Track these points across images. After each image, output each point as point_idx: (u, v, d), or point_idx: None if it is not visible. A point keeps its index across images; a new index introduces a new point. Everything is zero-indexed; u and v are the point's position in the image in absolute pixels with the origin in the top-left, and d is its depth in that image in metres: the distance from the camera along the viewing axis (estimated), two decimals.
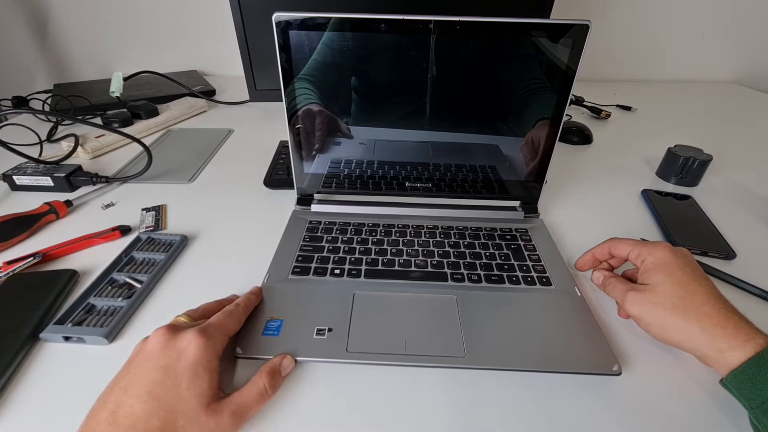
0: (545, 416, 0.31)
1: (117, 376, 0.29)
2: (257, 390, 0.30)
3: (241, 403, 0.29)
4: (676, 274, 0.35)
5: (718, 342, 0.31)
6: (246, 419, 0.29)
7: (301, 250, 0.46)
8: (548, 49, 0.43)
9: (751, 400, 0.29)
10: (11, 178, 0.57)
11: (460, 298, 0.40)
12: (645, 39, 1.12)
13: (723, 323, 0.31)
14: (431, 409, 0.32)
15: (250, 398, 0.30)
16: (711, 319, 0.32)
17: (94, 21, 1.04)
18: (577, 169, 0.68)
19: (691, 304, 0.33)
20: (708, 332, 0.31)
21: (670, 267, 0.35)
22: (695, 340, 0.32)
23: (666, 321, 0.33)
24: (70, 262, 0.45)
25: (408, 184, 0.53)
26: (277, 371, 0.32)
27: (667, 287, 0.34)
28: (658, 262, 0.36)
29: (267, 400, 0.31)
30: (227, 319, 0.33)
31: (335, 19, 0.42)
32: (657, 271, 0.36)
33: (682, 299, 0.33)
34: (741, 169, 0.69)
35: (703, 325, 0.32)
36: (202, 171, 0.65)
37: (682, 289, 0.34)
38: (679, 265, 0.35)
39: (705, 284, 0.34)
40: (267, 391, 0.30)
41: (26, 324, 0.36)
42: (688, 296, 0.33)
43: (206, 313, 0.35)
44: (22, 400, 0.32)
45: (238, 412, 0.29)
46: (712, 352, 0.31)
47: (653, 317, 0.34)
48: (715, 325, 0.31)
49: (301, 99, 0.46)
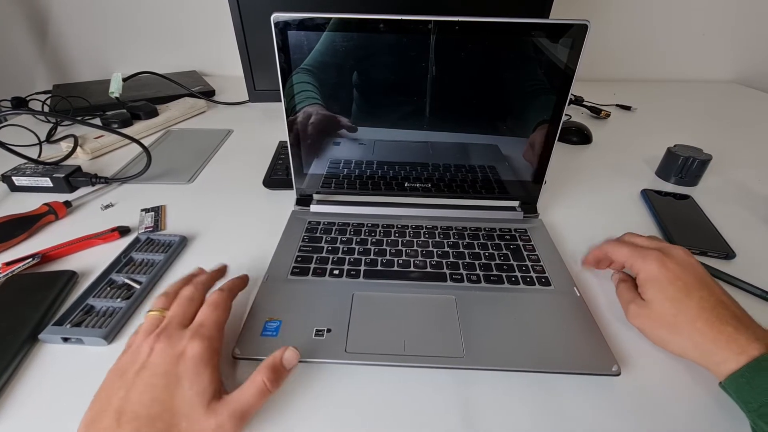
0: (544, 417, 0.31)
1: (113, 383, 0.28)
2: (256, 387, 0.29)
3: (240, 402, 0.29)
4: (668, 290, 0.35)
5: (713, 357, 0.32)
6: (248, 418, 0.29)
7: (300, 250, 0.46)
8: (547, 48, 0.43)
9: (748, 403, 0.29)
10: (10, 178, 0.57)
11: (459, 299, 0.40)
12: (645, 38, 1.12)
13: (715, 338, 0.31)
14: (430, 409, 0.32)
15: (249, 396, 0.29)
16: (703, 335, 0.32)
17: (93, 22, 1.04)
18: (576, 169, 0.68)
19: (684, 321, 0.33)
20: (701, 348, 0.32)
21: (661, 283, 0.35)
22: (690, 354, 0.33)
23: (663, 337, 0.35)
24: (69, 263, 0.45)
25: (407, 184, 0.53)
26: (278, 366, 0.31)
27: (659, 305, 0.35)
28: (649, 277, 0.36)
29: (268, 396, 0.30)
30: (216, 313, 0.33)
31: (334, 19, 0.42)
32: (649, 286, 0.36)
33: (674, 317, 0.34)
34: (741, 168, 0.69)
35: (696, 341, 0.32)
36: (202, 171, 0.65)
37: (674, 307, 0.34)
38: (669, 279, 0.35)
39: (698, 296, 0.34)
40: (266, 387, 0.29)
41: (25, 325, 0.36)
42: (680, 314, 0.34)
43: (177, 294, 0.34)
44: (21, 401, 0.32)
45: (238, 411, 0.28)
46: (708, 365, 0.32)
47: (651, 332, 0.36)
48: (708, 341, 0.32)
49: (301, 97, 0.46)
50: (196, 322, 0.32)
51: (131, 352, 0.30)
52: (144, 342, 0.30)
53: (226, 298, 0.35)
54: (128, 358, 0.30)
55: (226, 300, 0.35)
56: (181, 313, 0.32)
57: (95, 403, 0.28)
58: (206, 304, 0.33)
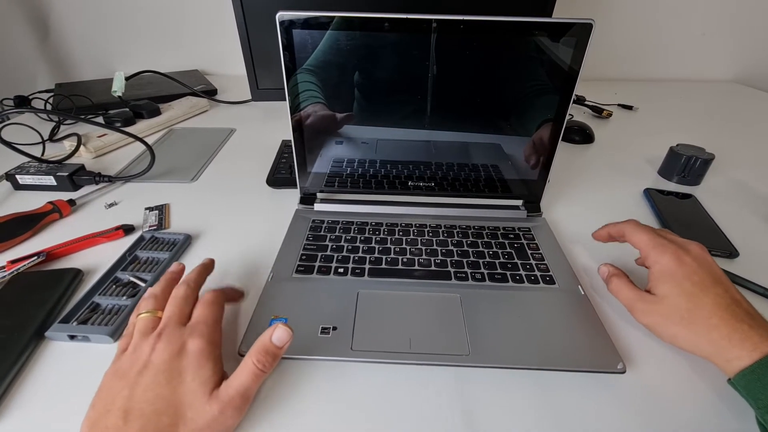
0: (549, 414, 0.31)
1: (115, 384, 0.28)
2: (248, 369, 0.30)
3: (234, 386, 0.29)
4: (684, 285, 0.34)
5: (726, 353, 0.31)
6: (247, 400, 0.29)
7: (304, 249, 0.46)
8: (551, 48, 0.43)
9: (758, 400, 0.29)
10: (14, 177, 0.57)
11: (463, 297, 0.40)
12: (646, 38, 1.12)
13: (730, 335, 0.31)
14: (436, 407, 0.32)
15: (243, 378, 0.29)
16: (719, 331, 0.32)
17: (96, 20, 1.04)
18: (579, 168, 0.68)
19: (699, 316, 0.33)
20: (716, 344, 0.32)
21: (677, 278, 0.35)
22: (703, 350, 0.33)
23: (675, 333, 0.34)
24: (73, 261, 0.45)
25: (410, 183, 0.53)
26: (268, 345, 0.31)
27: (674, 300, 0.34)
28: (665, 271, 0.36)
29: (263, 377, 0.30)
30: (211, 309, 0.33)
31: (338, 18, 0.42)
32: (664, 281, 0.35)
33: (689, 312, 0.33)
34: (743, 167, 0.69)
35: (711, 337, 0.32)
36: (205, 170, 0.65)
37: (690, 302, 0.34)
38: (686, 274, 0.35)
39: (714, 292, 0.33)
40: (257, 368, 0.30)
41: (31, 322, 0.36)
42: (696, 309, 0.33)
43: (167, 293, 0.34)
44: (28, 398, 0.32)
45: (237, 395, 0.29)
46: (719, 362, 0.32)
47: (663, 329, 0.35)
48: (722, 337, 0.32)
49: (305, 96, 0.46)
50: (193, 319, 0.32)
51: (131, 352, 0.30)
52: (144, 342, 0.30)
53: (219, 295, 0.35)
54: (128, 358, 0.30)
55: (219, 297, 0.35)
56: (178, 312, 0.33)
57: (97, 404, 0.28)
58: (200, 303, 0.34)
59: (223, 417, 0.28)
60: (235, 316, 0.39)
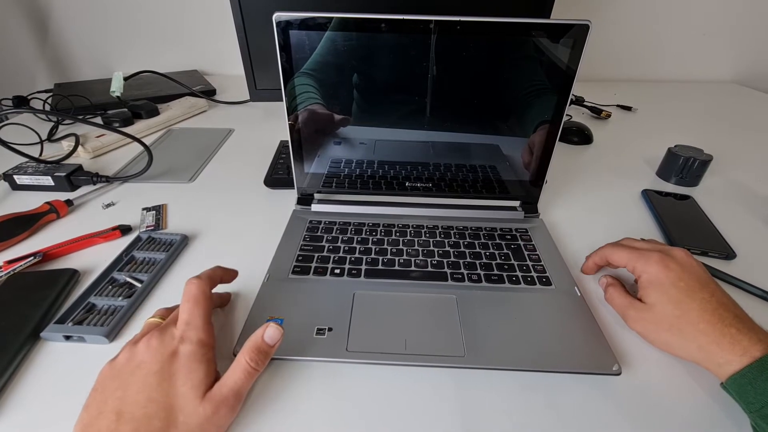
0: (545, 416, 0.31)
1: (109, 384, 0.28)
2: (240, 367, 0.30)
3: (227, 386, 0.29)
4: (670, 292, 0.35)
5: (716, 358, 0.32)
6: (240, 398, 0.30)
7: (301, 249, 0.46)
8: (548, 49, 0.43)
9: (750, 404, 0.29)
10: (12, 177, 0.57)
11: (460, 298, 0.40)
12: (645, 39, 1.12)
13: (718, 340, 0.32)
14: (431, 408, 0.32)
15: (236, 378, 0.29)
16: (707, 336, 0.32)
17: (94, 20, 1.04)
18: (577, 169, 0.68)
19: (687, 323, 0.33)
20: (705, 349, 0.32)
21: (663, 285, 0.35)
22: (694, 356, 0.33)
23: (666, 340, 0.35)
24: (70, 261, 0.45)
25: (408, 183, 0.53)
26: (261, 344, 0.31)
27: (662, 308, 0.35)
28: (652, 279, 0.36)
29: (255, 375, 0.30)
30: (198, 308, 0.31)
31: (336, 19, 0.42)
32: (652, 289, 0.36)
33: (677, 319, 0.34)
34: (741, 169, 0.69)
35: (700, 343, 0.32)
36: (203, 170, 0.65)
37: (678, 308, 0.34)
38: (672, 280, 0.35)
39: (700, 297, 0.34)
40: (249, 366, 0.30)
41: (27, 323, 0.36)
42: (684, 315, 0.33)
43: None
44: (23, 398, 0.32)
45: (229, 394, 0.29)
46: (711, 366, 0.32)
47: (654, 336, 0.36)
48: (711, 342, 0.32)
49: (302, 98, 0.46)
50: (181, 320, 0.31)
51: (126, 352, 0.30)
52: (141, 342, 0.30)
53: (204, 287, 0.32)
54: (124, 357, 0.30)
55: (204, 290, 0.32)
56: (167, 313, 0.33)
57: (91, 404, 0.28)
58: (185, 301, 0.32)
59: (217, 417, 0.28)
60: (231, 316, 0.39)
